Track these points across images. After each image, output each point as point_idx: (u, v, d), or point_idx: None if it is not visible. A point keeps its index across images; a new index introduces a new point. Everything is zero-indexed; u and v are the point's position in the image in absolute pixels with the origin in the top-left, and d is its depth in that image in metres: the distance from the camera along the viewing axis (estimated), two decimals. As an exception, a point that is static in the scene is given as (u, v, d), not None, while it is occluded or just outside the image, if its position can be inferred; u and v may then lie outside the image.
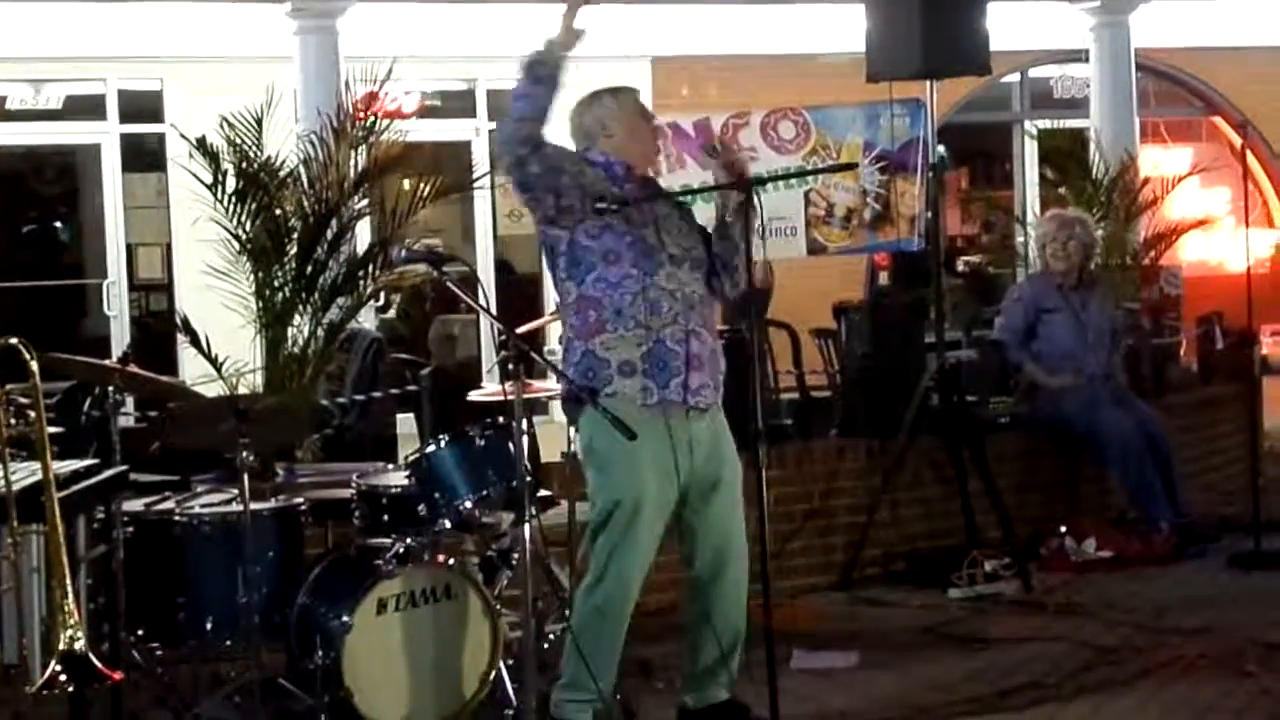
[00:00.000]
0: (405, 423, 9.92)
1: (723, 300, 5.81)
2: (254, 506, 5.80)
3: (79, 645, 4.57)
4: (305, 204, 8.45)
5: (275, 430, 6.34)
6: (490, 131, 15.16)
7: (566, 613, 5.76)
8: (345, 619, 5.61)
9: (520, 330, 5.57)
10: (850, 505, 8.24)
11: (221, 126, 8.48)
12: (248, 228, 8.38)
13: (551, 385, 6.07)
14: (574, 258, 5.53)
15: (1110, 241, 11.34)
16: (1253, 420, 8.53)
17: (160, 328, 13.36)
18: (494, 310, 5.68)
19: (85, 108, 14.71)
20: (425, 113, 15.11)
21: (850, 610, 7.75)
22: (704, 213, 6.11)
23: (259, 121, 8.46)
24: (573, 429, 5.94)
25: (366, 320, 10.61)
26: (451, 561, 5.99)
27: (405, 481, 6.05)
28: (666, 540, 5.68)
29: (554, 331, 7.67)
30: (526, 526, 5.28)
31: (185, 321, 8.57)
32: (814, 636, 6.96)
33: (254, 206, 8.38)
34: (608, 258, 5.48)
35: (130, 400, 7.83)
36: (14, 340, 4.85)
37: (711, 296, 5.69)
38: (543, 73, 5.44)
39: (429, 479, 5.92)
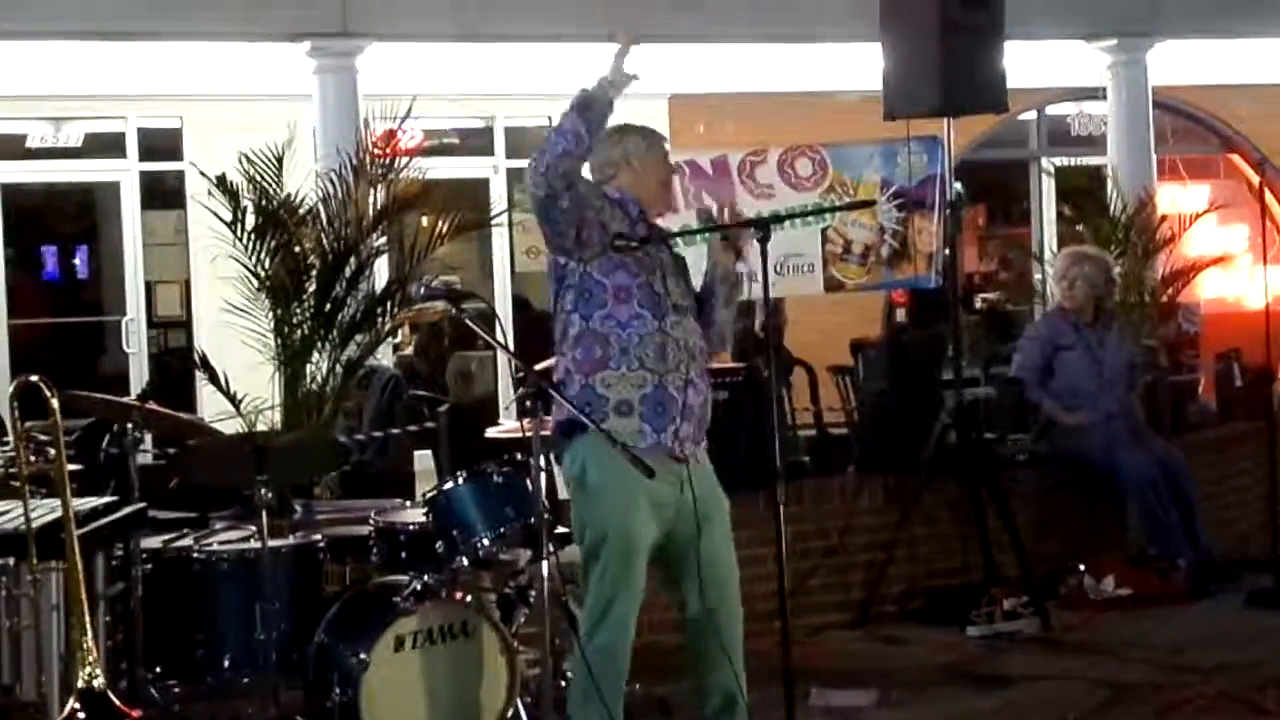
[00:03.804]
0: (423, 459, 9.92)
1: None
2: (272, 544, 5.82)
3: (97, 682, 4.59)
4: (324, 241, 8.48)
5: (293, 467, 6.35)
6: (509, 170, 15.20)
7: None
8: (363, 656, 5.61)
9: (538, 367, 5.57)
10: (868, 542, 8.22)
11: (241, 164, 8.51)
12: (267, 265, 8.41)
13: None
14: (584, 291, 5.48)
15: (1128, 279, 11.33)
16: (1272, 458, 8.49)
17: (179, 365, 13.38)
18: (511, 347, 5.68)
19: (105, 145, 14.76)
20: (443, 150, 15.16)
21: (868, 648, 7.73)
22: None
23: (278, 159, 8.50)
24: (557, 465, 5.93)
25: (384, 357, 10.63)
26: (469, 599, 5.98)
27: (423, 519, 6.05)
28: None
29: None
30: (544, 564, 5.28)
31: (204, 358, 8.60)
32: (832, 674, 6.94)
33: (273, 244, 8.41)
34: (619, 295, 5.45)
35: (149, 437, 7.85)
36: (34, 378, 4.88)
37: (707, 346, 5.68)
38: (593, 112, 5.42)
39: (447, 516, 5.93)
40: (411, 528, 6.09)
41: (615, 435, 5.30)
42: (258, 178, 8.45)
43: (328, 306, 8.42)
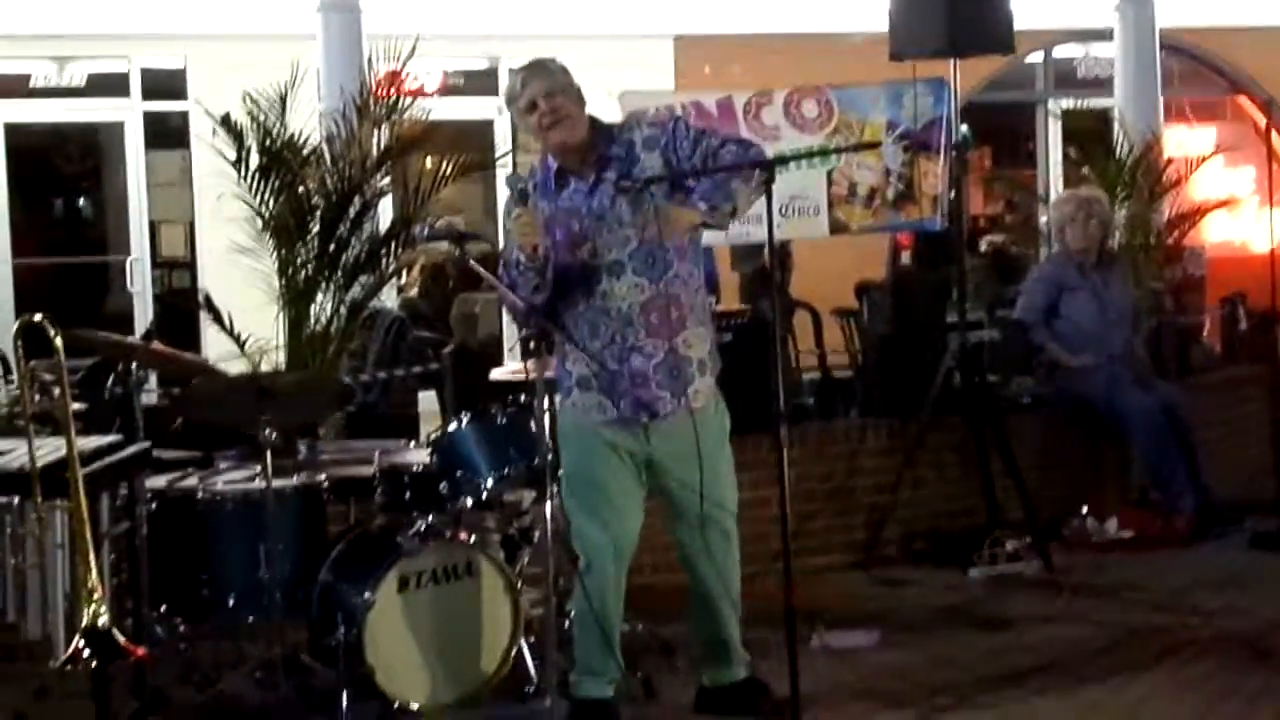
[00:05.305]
0: (427, 401, 9.93)
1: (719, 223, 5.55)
2: (276, 484, 5.83)
3: (102, 621, 4.59)
4: (328, 182, 8.45)
5: (297, 408, 6.35)
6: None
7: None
8: (367, 596, 5.63)
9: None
10: (871, 485, 8.24)
11: (245, 104, 8.48)
12: (271, 205, 8.39)
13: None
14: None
15: (1134, 221, 11.29)
16: (1275, 401, 8.51)
17: (183, 305, 13.39)
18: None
19: (109, 85, 14.73)
20: (447, 91, 15.13)
21: (871, 590, 7.76)
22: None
23: (282, 99, 8.46)
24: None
25: (389, 299, 10.62)
26: (473, 539, 6.01)
27: (427, 459, 6.07)
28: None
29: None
30: (548, 504, 5.29)
31: (208, 299, 8.59)
32: (835, 615, 6.97)
33: (277, 184, 8.39)
34: (558, 284, 5.48)
35: (153, 377, 7.86)
36: (38, 317, 4.87)
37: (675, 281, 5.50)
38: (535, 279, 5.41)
39: (451, 457, 5.95)
40: (416, 468, 6.12)
41: (577, 408, 5.55)
42: (261, 118, 8.42)
43: (332, 247, 8.40)
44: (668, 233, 5.42)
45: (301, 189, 8.42)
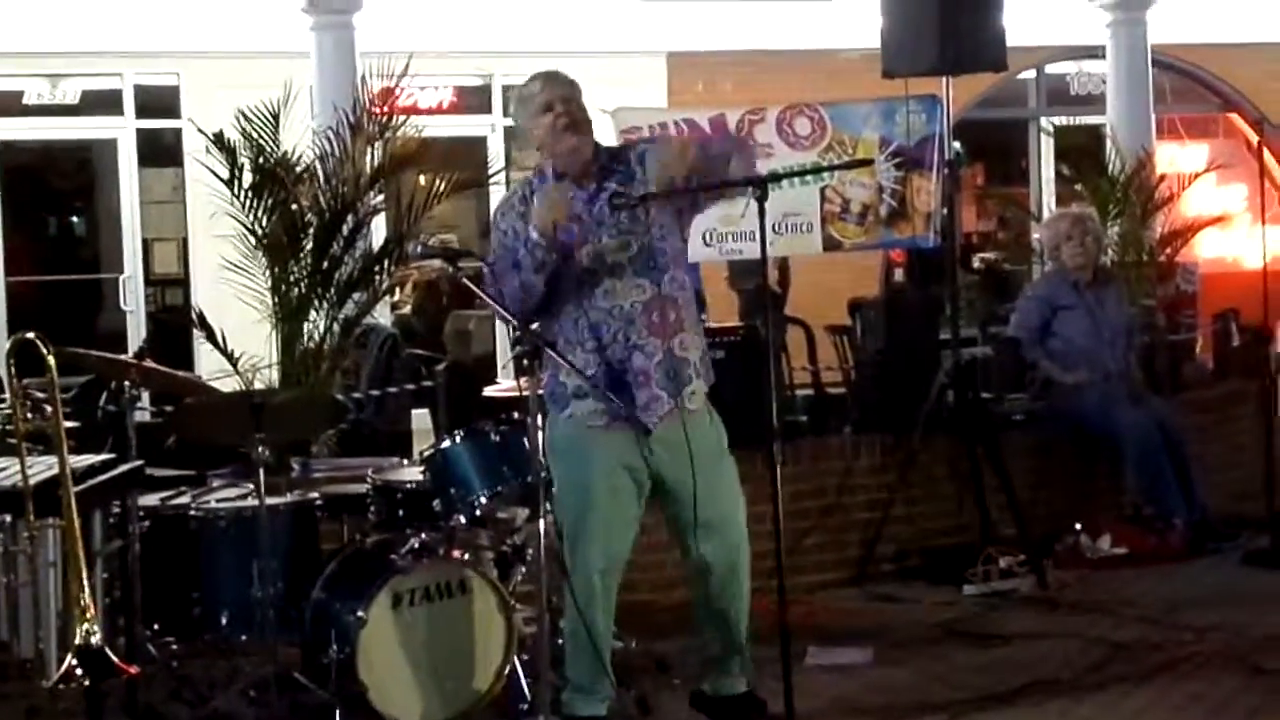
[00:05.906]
0: (420, 418, 9.93)
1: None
2: (269, 501, 5.83)
3: (95, 639, 4.60)
4: (321, 199, 8.46)
5: (290, 425, 6.35)
6: (506, 128, 15.16)
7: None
8: (360, 614, 5.62)
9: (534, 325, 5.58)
10: (865, 501, 8.24)
11: (238, 121, 8.49)
12: (264, 223, 8.39)
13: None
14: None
15: (1126, 238, 11.32)
16: (1268, 417, 8.51)
17: (176, 323, 13.38)
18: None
19: (102, 103, 14.74)
20: (442, 109, 15.15)
21: (865, 606, 7.75)
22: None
23: (275, 117, 8.47)
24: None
25: (382, 316, 10.62)
26: (466, 556, 6.00)
27: (420, 477, 6.07)
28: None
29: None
30: (541, 522, 5.29)
31: (201, 316, 8.59)
32: (829, 632, 6.97)
33: (270, 202, 8.40)
34: (552, 292, 5.49)
35: (146, 395, 7.86)
36: (31, 335, 4.88)
37: (668, 284, 5.55)
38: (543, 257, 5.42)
39: (444, 474, 5.94)
40: (409, 486, 6.12)
41: (574, 419, 5.53)
42: (255, 135, 8.43)
43: (325, 264, 8.41)
44: (670, 171, 5.47)
45: (295, 206, 8.43)
